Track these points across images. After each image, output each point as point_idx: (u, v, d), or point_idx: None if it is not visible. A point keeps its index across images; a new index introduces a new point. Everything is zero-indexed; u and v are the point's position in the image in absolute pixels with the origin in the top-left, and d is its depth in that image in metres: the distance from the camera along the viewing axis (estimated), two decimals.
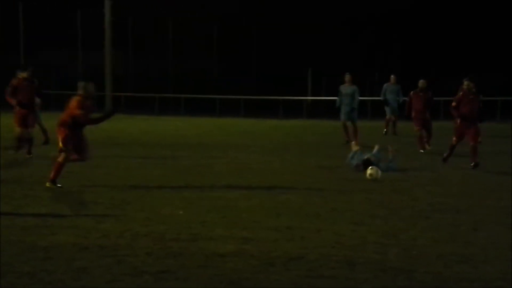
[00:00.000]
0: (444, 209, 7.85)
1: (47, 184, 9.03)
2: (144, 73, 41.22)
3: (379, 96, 21.63)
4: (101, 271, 5.17)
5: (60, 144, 9.15)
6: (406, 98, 16.51)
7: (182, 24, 42.36)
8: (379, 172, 10.19)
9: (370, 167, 10.34)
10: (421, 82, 15.48)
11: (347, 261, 5.46)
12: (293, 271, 5.21)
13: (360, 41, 41.30)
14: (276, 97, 34.72)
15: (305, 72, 39.17)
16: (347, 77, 17.31)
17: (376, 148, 11.80)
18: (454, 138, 12.18)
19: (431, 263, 5.44)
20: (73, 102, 9.14)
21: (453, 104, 12.16)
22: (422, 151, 14.44)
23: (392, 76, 20.39)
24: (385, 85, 20.41)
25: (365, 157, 11.26)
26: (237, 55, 46.20)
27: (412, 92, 15.52)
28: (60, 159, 9.12)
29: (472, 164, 11.63)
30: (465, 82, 12.33)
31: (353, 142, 13.11)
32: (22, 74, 13.20)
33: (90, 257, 5.57)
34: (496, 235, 6.43)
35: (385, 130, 20.10)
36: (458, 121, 12.08)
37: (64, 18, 40.97)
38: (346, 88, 17.31)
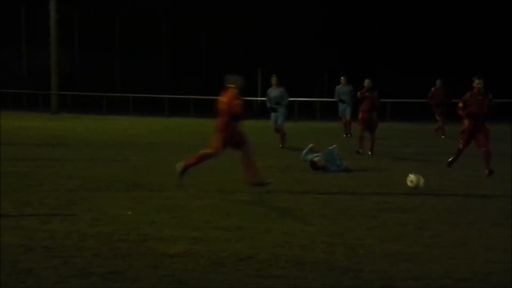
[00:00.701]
0: (390, 208, 8.02)
1: (178, 168, 9.13)
2: (91, 72, 40.48)
3: (329, 97, 22.01)
4: (47, 272, 5.07)
5: (216, 148, 9.13)
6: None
7: (129, 22, 41.82)
8: (421, 180, 9.36)
9: (412, 175, 9.53)
10: (366, 82, 15.08)
11: (296, 261, 5.52)
12: (243, 271, 5.24)
13: (312, 41, 41.65)
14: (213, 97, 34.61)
15: (255, 71, 39.31)
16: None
17: (330, 148, 11.81)
18: (461, 142, 11.20)
19: (377, 262, 5.55)
20: (231, 96, 9.03)
21: (460, 105, 11.08)
22: (360, 151, 14.12)
23: (342, 77, 20.17)
24: (336, 88, 20.30)
25: (314, 158, 11.40)
26: (187, 53, 45.96)
27: (359, 93, 15.27)
28: (206, 152, 9.15)
29: (486, 172, 10.72)
30: (476, 80, 10.93)
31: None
32: None
33: (36, 258, 5.45)
34: (441, 234, 6.62)
35: (344, 134, 19.61)
36: (467, 122, 11.02)
37: (8, 15, 39.88)
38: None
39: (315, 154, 11.52)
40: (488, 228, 6.88)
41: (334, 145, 12.34)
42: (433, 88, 19.61)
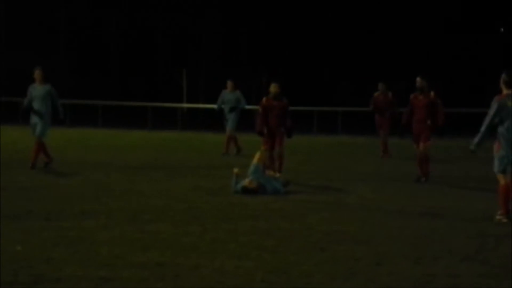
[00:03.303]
0: (342, 239, 8.13)
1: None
2: None
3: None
4: None
5: None
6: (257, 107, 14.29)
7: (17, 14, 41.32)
8: None
9: None
10: (273, 86, 13.78)
11: None
12: None
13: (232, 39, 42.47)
14: (143, 103, 34.45)
15: (179, 73, 39.23)
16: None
17: (252, 167, 11.89)
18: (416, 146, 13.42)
19: None
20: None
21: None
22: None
23: (228, 81, 19.15)
24: (222, 93, 19.30)
25: (242, 184, 11.47)
26: (92, 50, 45.53)
27: (264, 99, 13.87)
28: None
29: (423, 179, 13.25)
30: (417, 79, 13.37)
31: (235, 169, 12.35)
32: None
33: None
34: (401, 270, 6.74)
35: (224, 151, 18.50)
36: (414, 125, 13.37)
37: None
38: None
39: (244, 180, 11.59)
40: (456, 264, 7.06)
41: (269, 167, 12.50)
42: (375, 94, 19.43)
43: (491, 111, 9.41)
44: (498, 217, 9.36)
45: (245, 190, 11.47)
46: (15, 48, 41.70)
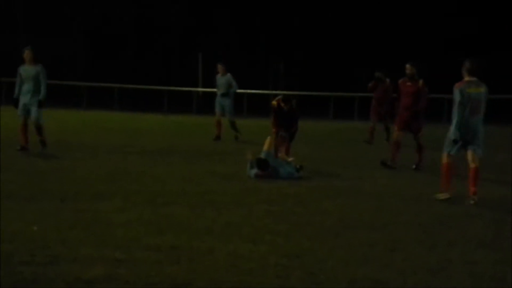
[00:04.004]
0: (356, 225, 8.13)
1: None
2: None
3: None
4: None
5: None
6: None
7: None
8: None
9: None
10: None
11: None
12: None
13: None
14: (160, 87, 34.51)
15: (196, 58, 39.24)
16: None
17: (263, 154, 11.93)
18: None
19: None
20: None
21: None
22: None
23: (219, 65, 19.08)
24: (216, 79, 19.26)
25: (256, 170, 11.49)
26: (108, 34, 45.58)
27: (275, 103, 13.42)
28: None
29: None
30: (407, 65, 13.39)
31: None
32: None
33: None
34: (416, 256, 6.74)
35: (216, 134, 18.45)
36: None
37: None
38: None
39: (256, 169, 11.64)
40: (472, 251, 7.04)
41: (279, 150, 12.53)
42: (370, 84, 19.46)
43: (457, 99, 9.75)
44: (439, 195, 9.87)
45: (259, 175, 11.50)
46: (31, 32, 41.89)
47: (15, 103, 14.41)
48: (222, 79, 18.92)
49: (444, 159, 9.99)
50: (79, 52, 44.57)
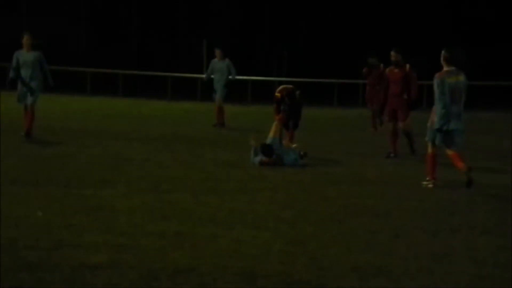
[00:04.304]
0: (360, 212, 8.14)
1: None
2: None
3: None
4: None
5: None
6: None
7: None
8: None
9: None
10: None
11: (246, 274, 5.54)
12: (181, 286, 5.23)
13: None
14: (163, 73, 34.47)
15: (200, 43, 39.12)
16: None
17: (268, 140, 11.92)
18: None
19: (344, 276, 5.63)
20: None
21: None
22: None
23: (216, 50, 19.02)
24: (211, 62, 19.18)
25: (260, 158, 11.48)
26: (112, 20, 45.49)
27: (279, 94, 13.55)
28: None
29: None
30: (391, 53, 13.27)
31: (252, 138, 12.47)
32: None
33: None
34: (419, 243, 6.76)
35: (216, 122, 18.40)
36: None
37: None
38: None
39: (262, 155, 11.62)
40: (475, 237, 7.06)
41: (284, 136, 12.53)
42: (365, 68, 19.41)
43: (438, 89, 9.82)
44: (425, 182, 9.93)
45: (263, 163, 11.51)
46: (34, 15, 41.80)
47: (12, 82, 14.38)
48: (220, 63, 18.72)
49: (429, 148, 10.03)
50: (83, 37, 44.51)
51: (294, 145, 12.60)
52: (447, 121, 9.80)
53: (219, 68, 18.75)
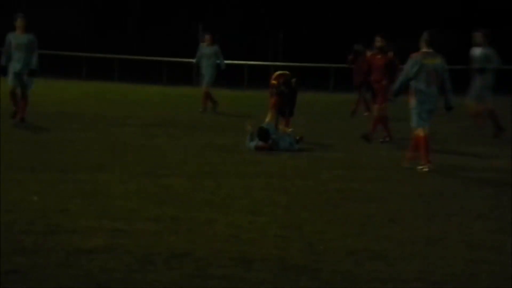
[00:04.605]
0: (355, 197, 8.16)
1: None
2: None
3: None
4: None
5: None
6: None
7: None
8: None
9: None
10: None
11: (242, 258, 5.56)
12: (177, 270, 5.24)
13: None
14: (159, 58, 34.36)
15: (195, 27, 39.00)
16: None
17: (264, 125, 11.93)
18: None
19: (339, 260, 5.65)
20: None
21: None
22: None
23: (206, 35, 18.97)
24: (199, 46, 18.99)
25: (256, 143, 11.47)
26: (109, 4, 45.28)
27: (275, 82, 13.25)
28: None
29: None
30: (377, 38, 13.34)
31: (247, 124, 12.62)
32: None
33: None
34: (414, 227, 6.78)
35: (202, 106, 18.13)
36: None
37: None
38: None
39: (258, 140, 11.62)
40: (470, 221, 7.08)
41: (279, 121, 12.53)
42: (351, 56, 19.46)
43: (406, 67, 10.06)
44: (420, 167, 9.90)
45: (259, 148, 11.51)
46: (33, 6, 41.62)
47: (3, 71, 14.18)
48: (208, 49, 18.52)
49: (421, 133, 10.01)
50: (79, 22, 44.31)
51: (289, 130, 12.61)
52: (423, 102, 9.88)
53: (206, 53, 18.56)
